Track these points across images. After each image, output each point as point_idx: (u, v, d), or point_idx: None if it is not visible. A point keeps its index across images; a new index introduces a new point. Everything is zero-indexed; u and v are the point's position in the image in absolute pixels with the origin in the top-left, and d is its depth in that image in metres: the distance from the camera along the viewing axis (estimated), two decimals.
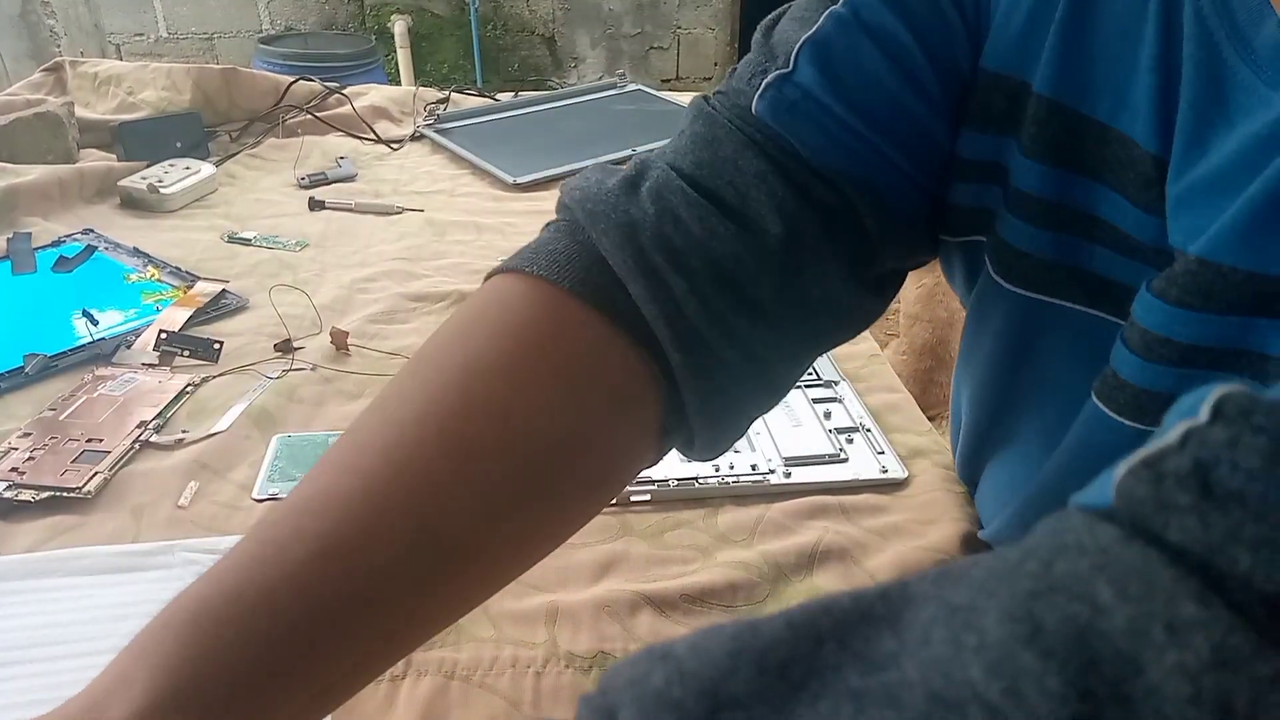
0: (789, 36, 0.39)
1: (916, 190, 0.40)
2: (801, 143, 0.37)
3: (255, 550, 0.29)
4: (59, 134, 0.94)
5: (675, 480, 0.53)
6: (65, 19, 2.73)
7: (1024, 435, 0.45)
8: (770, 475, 0.54)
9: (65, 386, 0.61)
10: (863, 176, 0.38)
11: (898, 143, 0.39)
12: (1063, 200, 0.37)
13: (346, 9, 2.94)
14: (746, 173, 0.37)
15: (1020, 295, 0.39)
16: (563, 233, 0.38)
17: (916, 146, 0.39)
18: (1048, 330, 0.40)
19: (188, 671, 0.26)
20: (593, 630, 0.45)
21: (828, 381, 0.63)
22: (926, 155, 0.40)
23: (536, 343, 0.35)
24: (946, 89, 0.39)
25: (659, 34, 3.18)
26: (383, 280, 0.77)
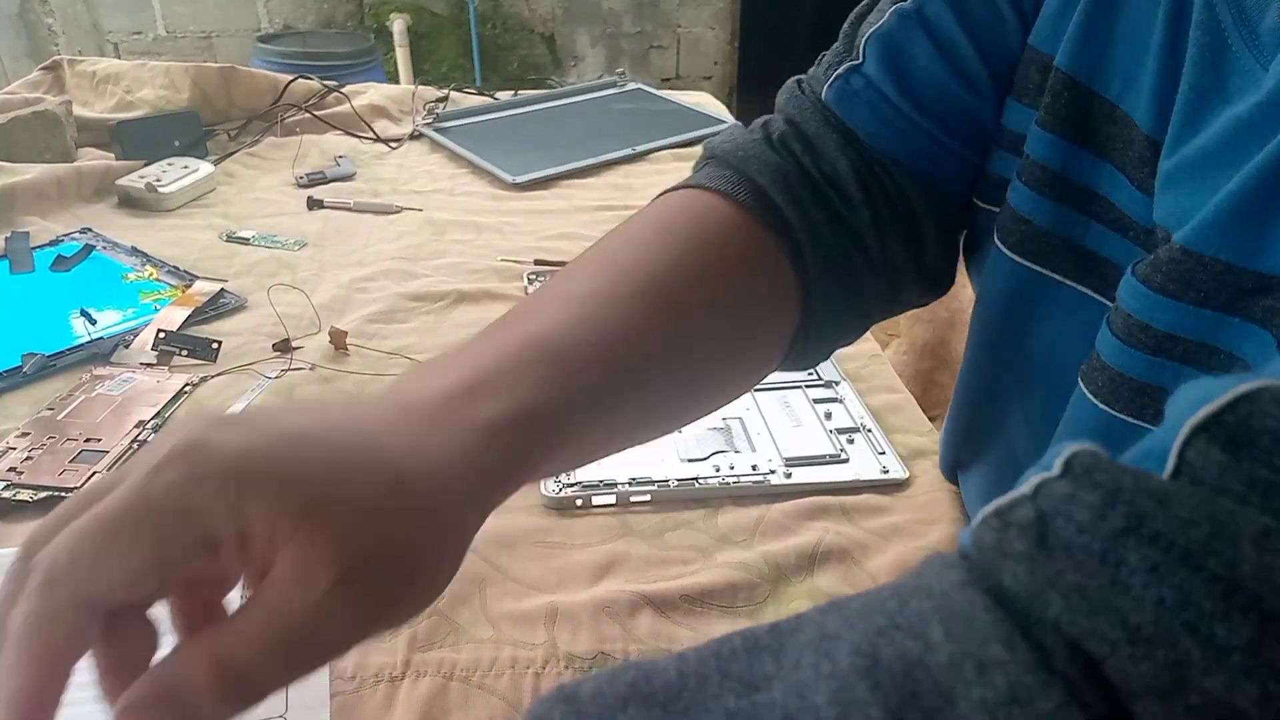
0: (864, 29, 0.43)
1: (968, 169, 0.44)
2: (859, 128, 0.42)
3: (575, 314, 0.34)
4: (57, 133, 0.94)
5: (675, 481, 0.53)
6: (63, 17, 2.72)
7: (1010, 424, 0.45)
8: (771, 475, 0.54)
9: (63, 386, 0.61)
10: (914, 163, 0.43)
11: (950, 130, 0.43)
12: (1067, 172, 0.38)
13: (345, 7, 2.94)
14: (829, 143, 0.42)
15: (1016, 263, 0.41)
16: (718, 170, 0.43)
17: (968, 132, 0.43)
18: (1038, 304, 0.41)
19: (545, 393, 0.31)
20: (592, 631, 0.45)
21: (828, 382, 0.63)
22: (975, 137, 0.44)
23: (720, 240, 0.40)
24: (995, 76, 0.42)
25: (659, 33, 3.17)
26: (381, 280, 0.77)
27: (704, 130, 1.12)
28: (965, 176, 0.45)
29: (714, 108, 1.22)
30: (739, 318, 0.40)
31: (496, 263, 0.80)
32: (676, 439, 0.56)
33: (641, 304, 0.36)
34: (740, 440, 0.57)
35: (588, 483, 0.53)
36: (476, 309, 0.73)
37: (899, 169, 0.42)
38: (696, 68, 3.26)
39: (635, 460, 0.54)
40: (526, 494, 0.53)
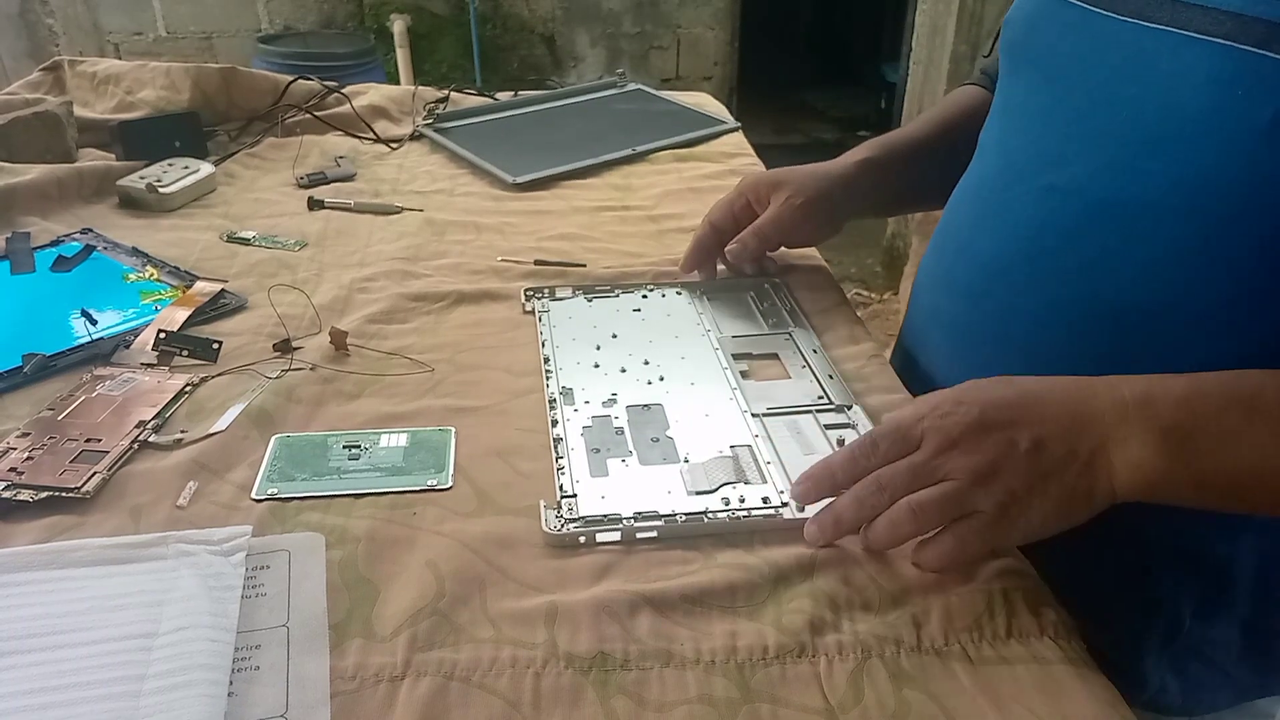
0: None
1: None
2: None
3: (900, 132, 0.80)
4: (57, 133, 0.94)
5: (683, 515, 0.51)
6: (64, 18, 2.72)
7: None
8: (783, 510, 0.52)
9: (64, 386, 0.61)
10: None
11: None
12: None
13: (345, 8, 2.94)
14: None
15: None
16: (979, 75, 0.79)
17: None
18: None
19: (877, 155, 0.76)
20: (592, 631, 0.45)
21: (840, 406, 0.61)
22: None
23: (975, 103, 0.76)
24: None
25: (659, 33, 3.17)
26: (382, 280, 0.77)
27: (704, 130, 1.12)
28: None
29: (714, 108, 1.22)
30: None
31: (497, 263, 0.80)
32: (683, 469, 0.55)
33: (933, 124, 0.77)
34: (750, 470, 0.55)
35: (591, 518, 0.51)
36: (477, 309, 0.73)
37: None
38: (696, 68, 3.26)
39: (641, 493, 0.53)
40: (526, 512, 0.53)
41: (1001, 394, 0.48)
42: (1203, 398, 0.45)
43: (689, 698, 0.42)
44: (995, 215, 0.61)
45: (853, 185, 0.73)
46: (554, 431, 0.58)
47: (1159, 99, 0.49)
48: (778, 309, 0.73)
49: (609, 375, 0.64)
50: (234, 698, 0.40)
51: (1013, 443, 0.45)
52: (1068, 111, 0.56)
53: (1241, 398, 0.45)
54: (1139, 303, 0.52)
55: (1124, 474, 0.45)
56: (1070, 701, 0.42)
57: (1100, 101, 0.53)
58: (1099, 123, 0.53)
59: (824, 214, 0.73)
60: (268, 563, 0.48)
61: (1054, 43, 0.57)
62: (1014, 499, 0.45)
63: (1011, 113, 0.63)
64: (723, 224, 0.75)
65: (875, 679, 0.43)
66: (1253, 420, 0.44)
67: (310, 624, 0.44)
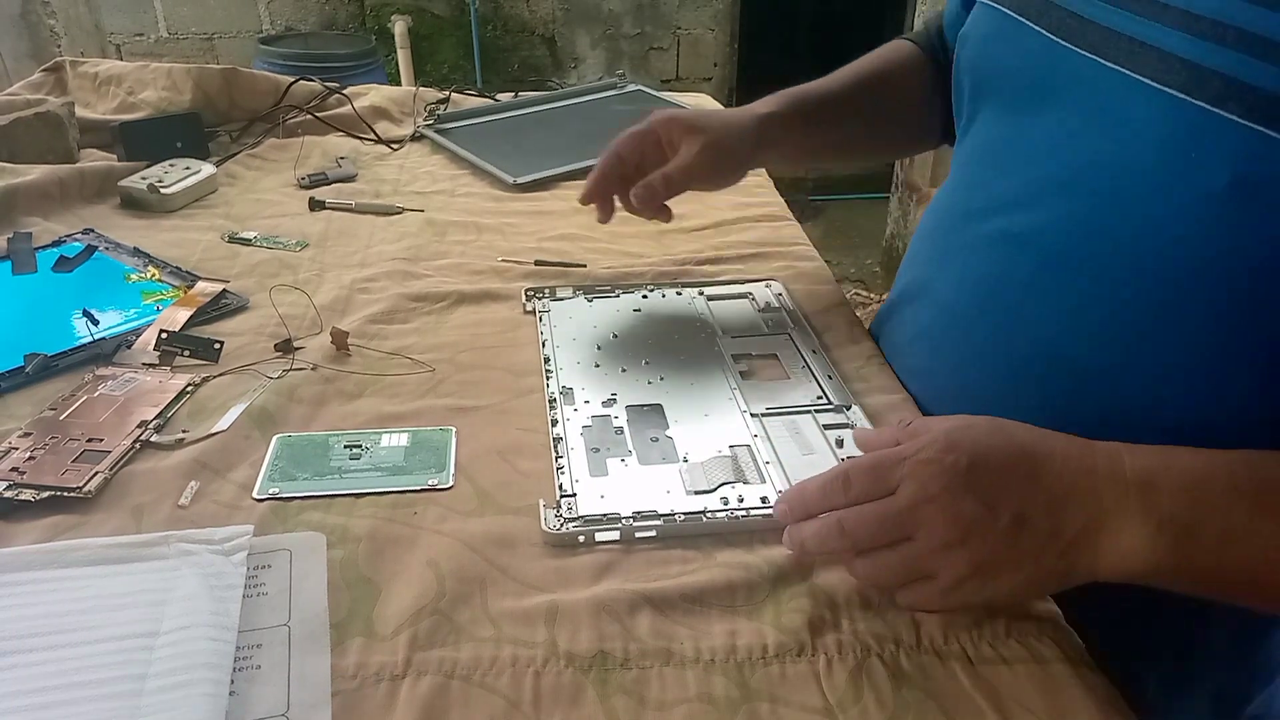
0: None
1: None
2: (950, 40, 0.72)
3: (812, 85, 0.76)
4: (59, 134, 0.94)
5: (682, 515, 0.51)
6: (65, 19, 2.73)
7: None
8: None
9: (65, 386, 0.62)
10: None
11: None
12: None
13: (347, 9, 2.94)
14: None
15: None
16: (916, 31, 0.79)
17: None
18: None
19: (785, 107, 0.73)
20: (592, 630, 0.45)
21: (839, 406, 0.61)
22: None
23: (904, 61, 0.77)
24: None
25: (659, 34, 3.18)
26: (383, 280, 0.77)
27: None
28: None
29: (714, 108, 1.22)
30: (901, 93, 0.76)
31: (497, 263, 0.80)
32: (683, 469, 0.55)
33: (849, 80, 0.76)
34: (749, 470, 0.55)
35: (590, 518, 0.51)
36: (477, 309, 0.73)
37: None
38: (696, 69, 3.26)
39: (640, 493, 0.53)
40: (526, 511, 0.53)
41: (994, 451, 0.43)
42: (1209, 485, 0.41)
43: (689, 697, 0.42)
44: (955, 257, 0.60)
45: (759, 138, 0.70)
46: (554, 431, 0.58)
47: (1116, 152, 0.48)
48: (777, 309, 0.73)
49: (609, 375, 0.64)
50: (235, 697, 0.40)
51: (993, 513, 0.41)
52: (1028, 150, 0.55)
53: (1250, 490, 0.41)
54: (1100, 363, 0.50)
55: (1111, 560, 0.42)
56: (1069, 701, 0.42)
57: (1060, 144, 0.52)
58: (1059, 169, 0.52)
59: (731, 165, 0.71)
60: (269, 562, 0.48)
61: (1014, 70, 0.56)
62: (978, 572, 0.42)
63: (973, 140, 0.62)
64: (630, 158, 0.70)
65: (875, 678, 0.43)
66: (1260, 517, 0.40)
67: (311, 623, 0.45)
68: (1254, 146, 0.41)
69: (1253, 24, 0.41)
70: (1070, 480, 0.42)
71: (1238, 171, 0.42)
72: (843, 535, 0.44)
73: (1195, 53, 0.43)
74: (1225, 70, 0.42)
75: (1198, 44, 0.43)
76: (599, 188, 0.70)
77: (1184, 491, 0.41)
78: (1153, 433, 0.45)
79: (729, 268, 0.81)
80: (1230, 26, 0.42)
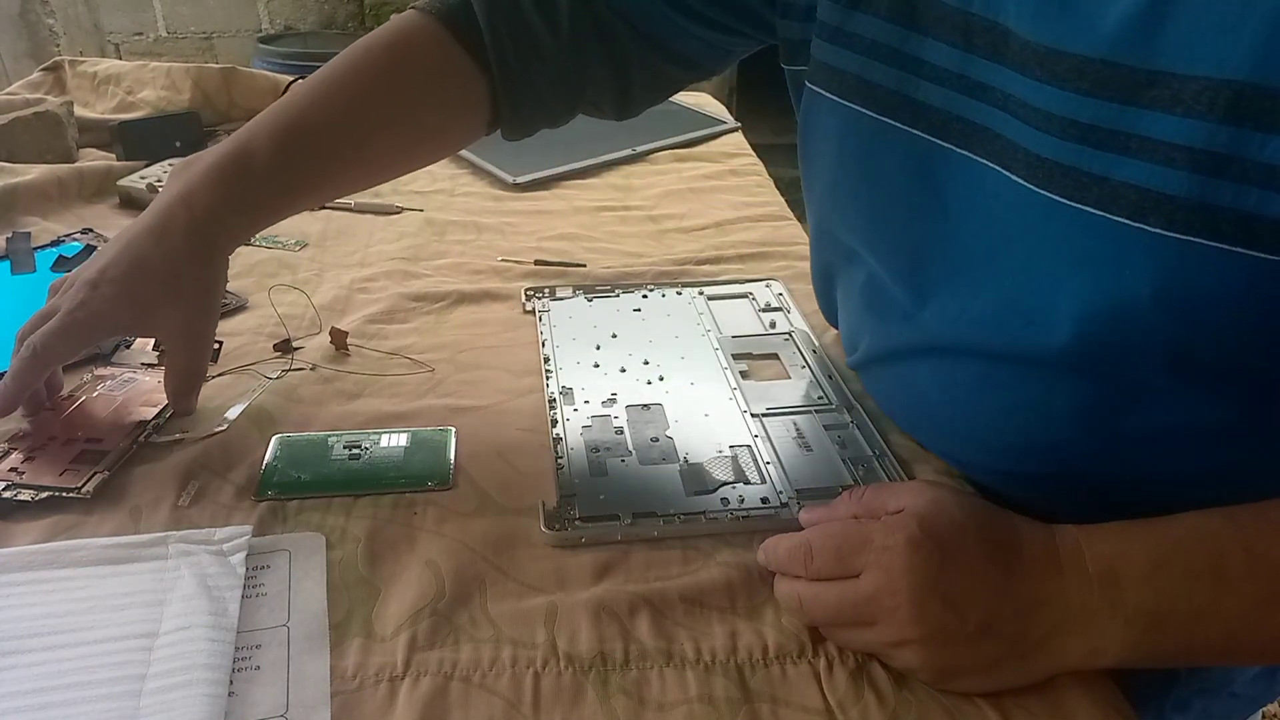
0: None
1: (695, 41, 0.61)
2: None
3: (270, 122, 0.55)
4: (58, 133, 0.94)
5: (682, 515, 0.51)
6: (64, 18, 2.72)
7: (863, 252, 0.56)
8: (782, 510, 0.52)
9: (64, 386, 0.61)
10: (636, 20, 0.59)
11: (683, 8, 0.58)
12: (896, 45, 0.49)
13: (346, 8, 2.94)
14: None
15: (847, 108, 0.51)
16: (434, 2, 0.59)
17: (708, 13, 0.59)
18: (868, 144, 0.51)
19: (229, 196, 0.54)
20: (592, 631, 0.45)
21: (839, 406, 0.61)
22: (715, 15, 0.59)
23: (411, 50, 0.58)
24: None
25: None
26: (382, 280, 0.77)
27: (704, 130, 1.12)
28: (688, 44, 0.61)
29: (714, 108, 1.22)
30: (422, 106, 0.59)
31: (497, 263, 0.80)
32: (683, 469, 0.55)
33: (331, 103, 0.57)
34: (750, 470, 0.55)
35: (590, 517, 0.51)
36: (477, 309, 0.73)
37: (623, 19, 0.59)
38: None
39: (640, 493, 0.53)
40: (526, 511, 0.53)
41: (966, 551, 0.41)
42: (1170, 569, 0.40)
43: (689, 698, 0.42)
44: (887, 367, 0.57)
45: (194, 261, 0.54)
46: (554, 431, 0.58)
47: (1044, 270, 0.43)
48: (777, 309, 0.73)
49: (609, 375, 0.64)
50: (234, 697, 0.40)
51: (960, 619, 0.40)
52: (939, 264, 0.50)
53: (1208, 566, 0.40)
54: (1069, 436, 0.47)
55: (1078, 656, 0.41)
56: (1070, 702, 0.42)
57: (978, 262, 0.47)
58: (981, 285, 0.47)
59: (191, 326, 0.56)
60: (268, 562, 0.48)
61: (892, 178, 0.50)
62: (936, 673, 0.42)
63: (861, 250, 0.55)
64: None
65: (875, 679, 0.43)
66: (1221, 593, 0.40)
67: (311, 624, 0.44)
68: (1174, 257, 0.38)
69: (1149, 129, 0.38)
70: (1037, 584, 0.41)
71: (1160, 284, 0.39)
72: (801, 608, 0.44)
73: (1098, 166, 0.40)
74: (1135, 181, 0.39)
75: (1099, 156, 0.40)
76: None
77: (1146, 581, 0.40)
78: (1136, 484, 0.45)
79: (729, 268, 0.81)
80: (1133, 135, 0.39)
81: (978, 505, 0.44)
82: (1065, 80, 0.40)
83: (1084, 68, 0.39)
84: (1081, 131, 0.40)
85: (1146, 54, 0.37)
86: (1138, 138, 0.38)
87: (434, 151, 0.65)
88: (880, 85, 0.49)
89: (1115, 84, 0.38)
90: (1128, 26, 0.38)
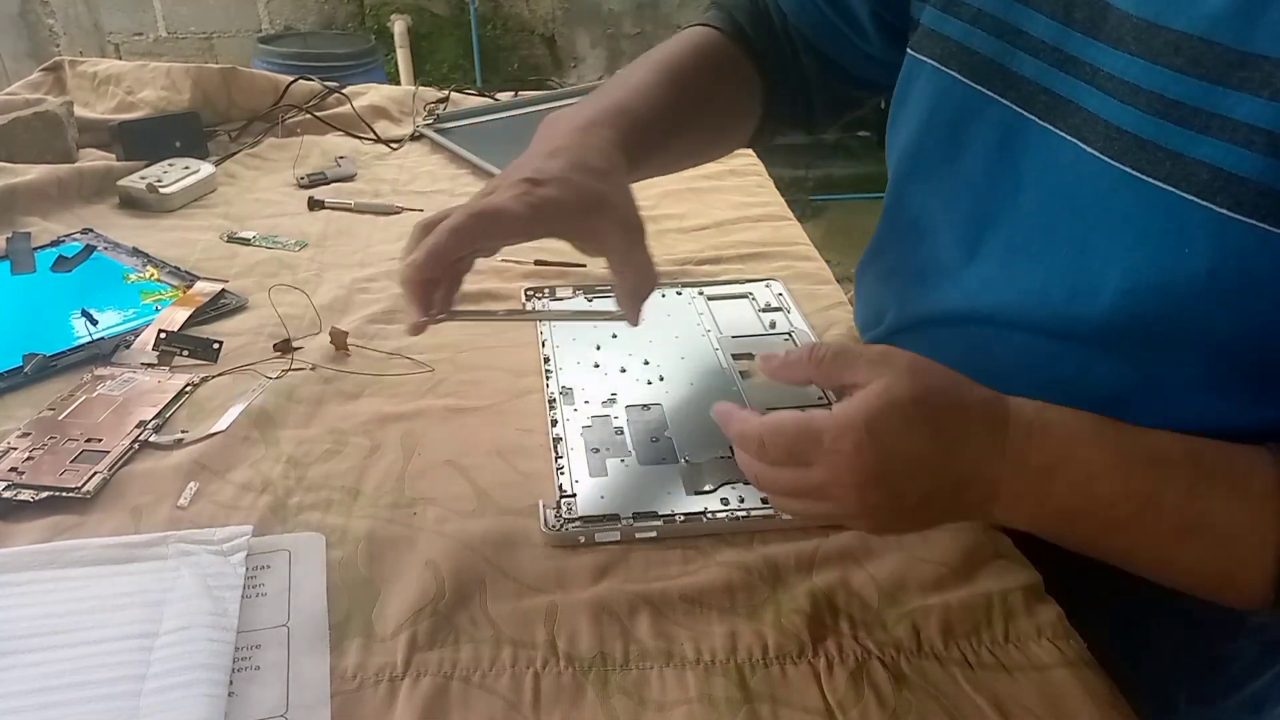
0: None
1: (861, 56, 0.66)
2: (786, 7, 0.67)
3: (608, 101, 0.60)
4: (58, 133, 0.94)
5: (682, 515, 0.51)
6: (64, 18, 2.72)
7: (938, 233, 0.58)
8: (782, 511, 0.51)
9: (64, 386, 0.61)
10: (817, 42, 0.66)
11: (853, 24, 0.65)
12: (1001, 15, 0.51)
13: (346, 8, 2.94)
14: (770, 17, 0.67)
15: (953, 79, 0.54)
16: (716, 12, 0.68)
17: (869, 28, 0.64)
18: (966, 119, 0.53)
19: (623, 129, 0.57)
20: (592, 631, 0.45)
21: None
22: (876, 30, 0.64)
23: (713, 54, 0.66)
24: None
25: (659, 34, 3.17)
26: (382, 280, 0.77)
27: None
28: (858, 61, 0.67)
29: None
30: (722, 97, 0.66)
31: (497, 263, 0.80)
32: (683, 469, 0.55)
33: (663, 85, 0.61)
34: None
35: (590, 518, 0.51)
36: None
37: (800, 38, 0.67)
38: None
39: (640, 493, 0.53)
40: (526, 512, 0.53)
41: (910, 445, 0.42)
42: (1105, 481, 0.42)
43: (689, 698, 0.42)
44: (923, 333, 0.58)
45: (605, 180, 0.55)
46: (554, 431, 0.58)
47: (1104, 243, 0.45)
48: (777, 309, 0.73)
49: (609, 375, 0.64)
50: (234, 697, 0.40)
51: (899, 501, 0.43)
52: (1003, 232, 0.51)
53: (1143, 491, 0.42)
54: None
55: (995, 520, 0.46)
56: (1070, 703, 0.42)
57: (1040, 231, 0.49)
58: (1037, 254, 0.49)
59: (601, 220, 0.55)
60: (268, 562, 0.48)
61: (979, 146, 0.53)
62: (878, 532, 0.48)
63: (928, 213, 0.58)
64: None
65: (875, 679, 0.43)
66: (1143, 517, 0.42)
67: (311, 624, 0.44)
68: (1235, 238, 0.39)
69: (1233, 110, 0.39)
70: (977, 465, 0.43)
71: (1217, 262, 0.40)
72: (758, 483, 0.46)
73: (1177, 142, 0.41)
74: (1212, 160, 0.40)
75: (1180, 133, 0.41)
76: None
77: (1078, 488, 0.42)
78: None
79: (729, 268, 0.81)
80: (1214, 114, 0.40)
81: (933, 388, 0.43)
82: (1159, 55, 0.41)
83: (1180, 43, 0.41)
84: (1165, 107, 0.41)
85: (1244, 35, 0.38)
86: (1219, 117, 0.39)
87: (718, 145, 0.73)
88: (979, 53, 0.52)
89: (1208, 62, 0.39)
90: (1231, 6, 0.39)
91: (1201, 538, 0.41)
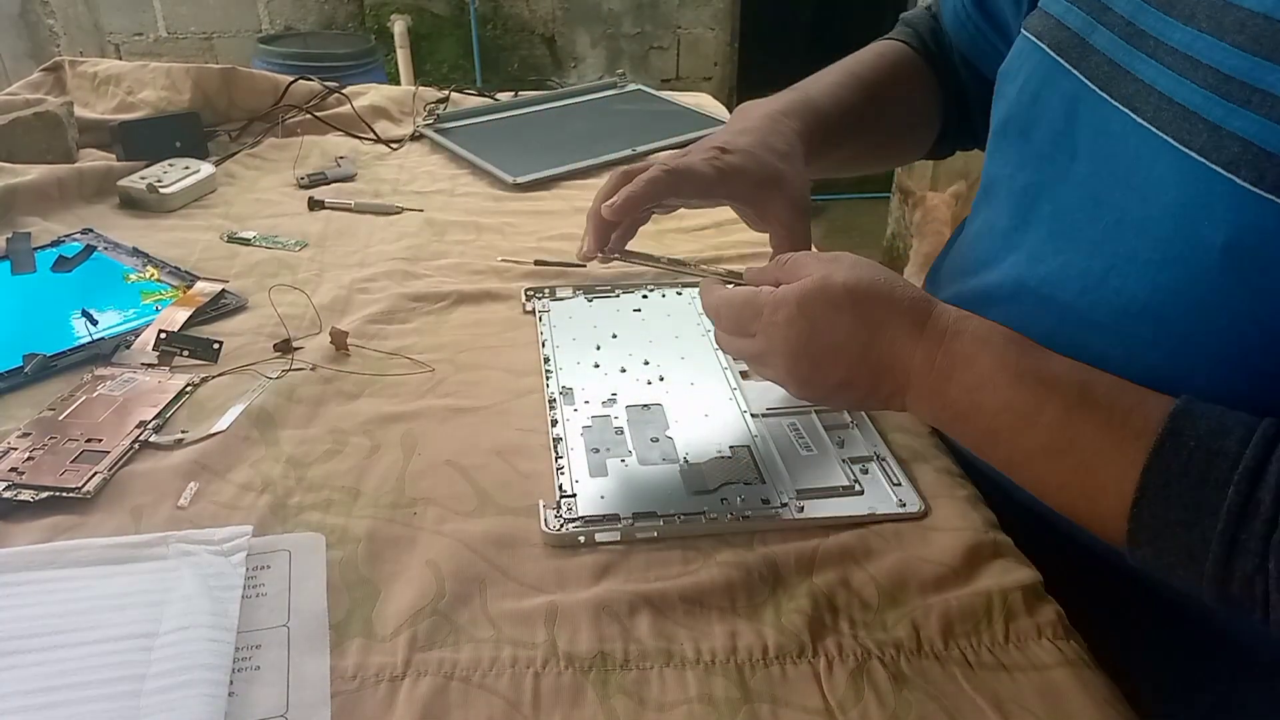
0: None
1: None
2: (947, 26, 0.73)
3: (799, 95, 0.68)
4: (58, 133, 0.94)
5: (682, 515, 0.51)
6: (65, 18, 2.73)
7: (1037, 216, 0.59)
8: (782, 510, 0.52)
9: (64, 386, 0.61)
10: (969, 52, 0.71)
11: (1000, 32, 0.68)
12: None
13: (346, 8, 2.94)
14: (943, 35, 0.73)
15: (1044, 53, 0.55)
16: (902, 28, 0.76)
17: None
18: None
19: (808, 124, 0.65)
20: (592, 631, 0.45)
21: None
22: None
23: (899, 66, 0.73)
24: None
25: (659, 34, 3.18)
26: (382, 280, 0.77)
27: (704, 130, 1.12)
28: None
29: (714, 108, 1.22)
30: (905, 106, 0.72)
31: (497, 263, 0.80)
32: (683, 470, 0.55)
33: (851, 89, 0.69)
34: (750, 470, 0.55)
35: (590, 518, 0.51)
36: (477, 309, 0.73)
37: (957, 53, 0.72)
38: (696, 68, 3.26)
39: (640, 493, 0.53)
40: (526, 512, 0.53)
41: (837, 324, 0.49)
42: (991, 391, 0.46)
43: (689, 698, 0.42)
44: (970, 306, 0.59)
45: (790, 163, 0.64)
46: (554, 431, 0.58)
47: (1139, 213, 0.46)
48: None
49: (609, 375, 0.64)
50: (234, 698, 0.40)
51: (822, 375, 0.50)
52: (1053, 201, 0.53)
53: (1025, 405, 0.45)
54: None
55: (906, 409, 0.50)
56: (1070, 703, 0.42)
57: (1086, 201, 0.50)
58: (1081, 224, 0.50)
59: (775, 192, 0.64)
60: (268, 563, 0.48)
61: (1049, 116, 0.54)
62: (808, 400, 0.57)
63: (996, 181, 0.59)
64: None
65: (875, 679, 0.43)
66: (1018, 431, 0.45)
67: (311, 624, 0.44)
68: (1252, 212, 0.40)
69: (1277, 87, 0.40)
70: (894, 355, 0.49)
71: (1233, 235, 0.41)
72: (716, 339, 0.57)
73: (1218, 114, 0.42)
74: (1245, 133, 0.40)
75: (1222, 105, 0.42)
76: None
77: (970, 392, 0.47)
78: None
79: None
80: (1256, 89, 0.40)
81: (866, 279, 0.49)
82: (1226, 32, 0.42)
83: (1247, 21, 0.41)
84: (1217, 81, 0.42)
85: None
86: (1261, 93, 0.39)
87: (896, 151, 0.81)
88: (1069, 28, 0.53)
89: (1267, 40, 0.40)
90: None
91: (1066, 460, 0.43)
